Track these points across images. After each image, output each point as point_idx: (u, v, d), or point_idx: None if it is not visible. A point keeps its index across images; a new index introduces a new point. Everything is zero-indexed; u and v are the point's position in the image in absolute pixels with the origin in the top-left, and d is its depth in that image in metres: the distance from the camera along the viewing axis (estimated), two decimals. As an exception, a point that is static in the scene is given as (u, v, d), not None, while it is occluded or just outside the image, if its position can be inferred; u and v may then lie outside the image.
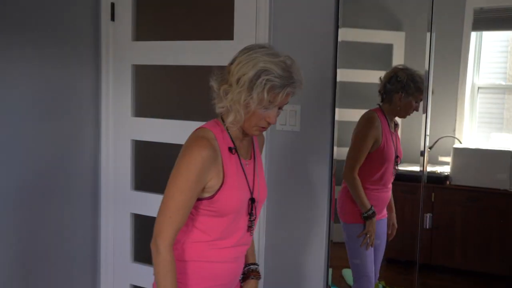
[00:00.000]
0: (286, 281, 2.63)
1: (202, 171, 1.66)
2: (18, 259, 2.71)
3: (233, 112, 1.67)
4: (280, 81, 1.61)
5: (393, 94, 2.44)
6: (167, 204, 1.70)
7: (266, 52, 1.65)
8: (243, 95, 1.63)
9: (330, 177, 2.49)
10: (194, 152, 1.66)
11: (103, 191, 3.12)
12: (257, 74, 1.60)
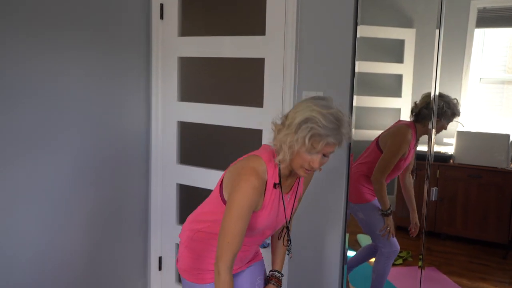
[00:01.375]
0: (308, 245, 2.67)
1: (254, 201, 1.69)
2: (88, 221, 2.84)
3: (282, 151, 1.70)
4: (323, 130, 1.59)
5: (427, 119, 2.42)
6: (226, 232, 1.69)
7: (321, 104, 1.64)
8: (289, 137, 1.65)
9: (348, 156, 2.50)
10: (248, 186, 1.67)
11: (153, 165, 3.19)
12: (304, 121, 1.61)
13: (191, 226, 1.98)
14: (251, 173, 1.70)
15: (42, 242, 2.62)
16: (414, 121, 2.47)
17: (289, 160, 1.70)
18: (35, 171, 2.54)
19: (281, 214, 1.88)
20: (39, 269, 2.62)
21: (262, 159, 1.76)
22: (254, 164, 1.74)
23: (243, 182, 1.68)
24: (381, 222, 2.64)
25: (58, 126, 2.63)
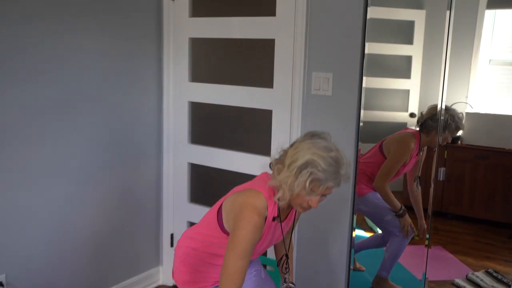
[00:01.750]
0: (317, 225, 2.69)
1: (256, 239, 1.71)
2: (103, 199, 2.89)
3: (282, 190, 1.70)
4: (323, 175, 1.60)
5: (433, 130, 2.42)
6: (230, 269, 1.70)
7: (321, 146, 1.65)
8: (290, 179, 1.64)
9: (357, 135, 2.50)
10: (252, 225, 1.68)
11: (165, 144, 3.21)
12: (305, 165, 1.61)
13: (187, 243, 2.01)
14: (253, 211, 1.70)
15: (61, 220, 2.68)
16: (419, 130, 2.49)
17: (288, 200, 1.72)
18: (54, 151, 2.59)
19: (277, 235, 1.91)
20: (59, 245, 2.69)
21: (264, 196, 1.75)
22: (256, 201, 1.73)
23: (246, 221, 1.69)
24: (384, 209, 2.65)
25: (74, 107, 2.67)
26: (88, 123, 2.76)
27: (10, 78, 2.36)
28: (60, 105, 2.60)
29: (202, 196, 3.26)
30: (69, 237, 2.75)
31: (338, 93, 2.51)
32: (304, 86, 2.60)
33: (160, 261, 3.40)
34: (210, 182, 3.25)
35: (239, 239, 1.69)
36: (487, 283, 2.73)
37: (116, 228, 3.03)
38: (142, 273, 3.27)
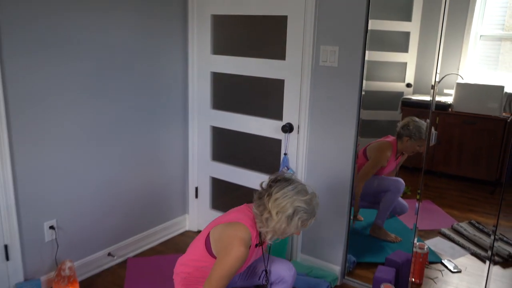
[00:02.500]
0: (324, 173, 2.81)
1: (240, 265, 1.93)
2: (137, 158, 3.03)
3: (272, 233, 1.95)
4: (308, 215, 1.91)
5: (403, 137, 2.69)
6: (212, 284, 1.91)
7: (296, 191, 1.90)
8: (283, 225, 1.90)
9: (359, 103, 2.59)
10: (239, 255, 1.88)
11: (190, 109, 3.35)
12: (295, 213, 1.89)
13: (181, 269, 2.15)
14: (241, 244, 1.91)
15: (103, 174, 2.87)
16: (396, 138, 2.73)
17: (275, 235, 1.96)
18: (95, 113, 2.75)
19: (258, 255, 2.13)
20: (101, 195, 2.90)
21: (247, 227, 1.97)
22: (242, 234, 1.94)
23: (234, 251, 1.89)
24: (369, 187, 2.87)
25: (111, 76, 2.80)
26: (125, 90, 2.89)
27: (56, 51, 2.50)
28: (98, 74, 2.74)
29: (222, 154, 3.42)
30: (110, 189, 2.94)
31: (343, 64, 2.58)
32: (313, 58, 2.69)
33: (187, 210, 3.59)
34: (230, 143, 3.40)
35: (227, 264, 1.88)
36: (470, 232, 2.90)
37: (149, 181, 3.20)
38: (171, 220, 3.47)
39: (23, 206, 2.50)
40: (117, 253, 3.07)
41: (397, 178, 2.90)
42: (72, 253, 2.80)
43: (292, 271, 2.22)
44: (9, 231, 2.46)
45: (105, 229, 2.99)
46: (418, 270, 2.82)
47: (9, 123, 2.36)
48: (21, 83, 2.38)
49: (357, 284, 2.89)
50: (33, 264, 2.61)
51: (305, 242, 3.01)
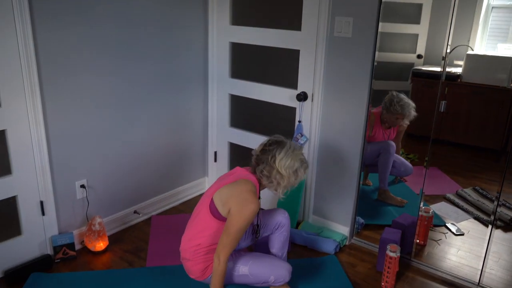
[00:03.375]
0: (336, 139, 2.84)
1: (255, 216, 2.01)
2: (163, 125, 3.07)
3: (284, 188, 2.07)
4: (306, 165, 2.09)
5: (384, 109, 2.74)
6: (231, 235, 1.97)
7: (293, 149, 2.05)
8: (292, 178, 2.05)
9: (371, 73, 2.57)
10: (253, 209, 1.96)
11: (210, 78, 3.37)
12: (299, 166, 2.05)
13: (191, 244, 2.12)
14: (254, 196, 2.00)
15: (129, 137, 2.93)
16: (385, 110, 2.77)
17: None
18: (122, 80, 2.78)
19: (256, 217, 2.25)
20: (127, 157, 2.96)
21: (253, 182, 2.07)
22: (252, 188, 2.03)
23: (250, 203, 1.96)
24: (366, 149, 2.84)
25: (136, 44, 2.82)
26: (149, 59, 2.92)
27: (85, 21, 2.53)
28: (124, 44, 2.76)
29: (240, 121, 3.44)
30: (136, 151, 3.01)
31: (357, 35, 2.56)
32: (327, 29, 2.67)
33: (206, 173, 3.65)
34: (247, 111, 3.40)
35: (245, 216, 1.95)
36: (473, 197, 2.91)
37: (172, 145, 3.26)
38: (192, 182, 3.54)
39: (56, 166, 2.59)
40: (142, 211, 3.16)
41: (385, 141, 2.91)
42: (101, 210, 2.91)
43: (285, 213, 2.34)
44: (44, 188, 2.57)
45: (131, 189, 3.07)
46: (423, 232, 2.86)
47: (42, 87, 2.42)
48: (52, 50, 2.42)
49: (365, 244, 2.96)
50: (66, 219, 2.73)
51: (317, 204, 3.07)
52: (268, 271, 2.12)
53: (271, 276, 2.12)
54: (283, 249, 2.37)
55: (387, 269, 2.48)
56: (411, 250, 2.76)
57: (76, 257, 2.71)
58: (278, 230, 2.33)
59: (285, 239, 2.36)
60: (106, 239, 2.80)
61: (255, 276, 2.12)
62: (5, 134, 2.35)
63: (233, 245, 2.00)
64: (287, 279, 2.18)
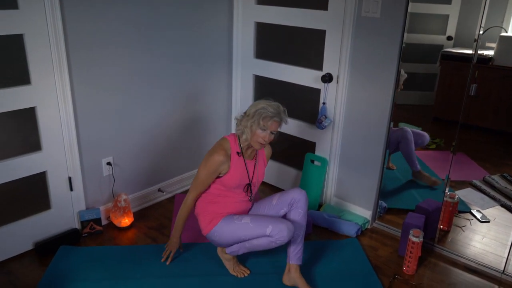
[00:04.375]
0: (361, 122, 2.83)
1: (215, 168, 2.19)
2: (185, 97, 3.12)
3: (245, 133, 2.18)
4: (270, 113, 2.12)
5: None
6: (196, 180, 2.26)
7: (266, 100, 2.18)
8: (249, 121, 2.15)
9: (399, 55, 2.52)
10: (215, 157, 2.18)
11: (234, 58, 3.37)
12: (258, 110, 2.14)
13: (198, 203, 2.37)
14: (220, 148, 2.22)
15: (153, 115, 2.97)
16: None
17: (250, 139, 2.18)
18: (148, 60, 2.83)
19: (246, 176, 2.29)
20: (151, 134, 3.01)
21: (225, 137, 2.28)
22: (220, 142, 2.27)
23: (214, 152, 2.21)
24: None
25: (163, 26, 2.84)
26: (174, 39, 2.94)
27: (119, 0, 2.58)
28: (149, 24, 2.79)
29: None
30: (160, 131, 3.06)
31: (385, 15, 2.51)
32: (355, 9, 2.62)
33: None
34: (271, 91, 3.36)
35: (207, 161, 2.21)
36: (501, 184, 2.86)
37: (195, 126, 3.28)
38: None
39: (83, 143, 2.67)
40: (166, 189, 3.23)
41: (401, 128, 2.91)
42: (127, 187, 2.99)
43: (302, 191, 2.31)
44: (72, 165, 2.65)
45: (156, 167, 3.14)
46: (447, 218, 2.84)
47: (70, 66, 2.48)
48: (80, 29, 2.47)
49: (387, 228, 2.96)
50: (93, 195, 2.82)
51: (339, 186, 3.08)
52: (267, 222, 2.17)
53: (269, 225, 2.15)
54: (299, 229, 2.28)
55: (409, 254, 2.48)
56: (435, 236, 2.75)
57: (102, 232, 2.80)
58: (293, 207, 2.31)
59: (301, 217, 2.28)
60: (131, 215, 2.88)
61: (254, 224, 2.19)
62: (35, 111, 2.43)
63: (198, 189, 2.26)
64: (285, 234, 2.13)
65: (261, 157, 2.39)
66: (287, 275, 2.27)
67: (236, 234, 2.23)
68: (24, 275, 2.39)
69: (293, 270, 2.26)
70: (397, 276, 2.48)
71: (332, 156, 3.02)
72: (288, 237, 2.14)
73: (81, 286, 2.28)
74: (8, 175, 2.40)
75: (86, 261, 2.48)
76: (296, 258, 2.26)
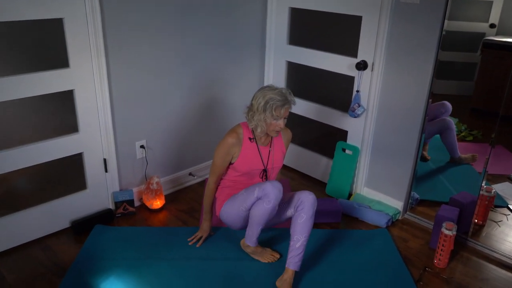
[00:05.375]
0: (395, 111, 2.77)
1: (227, 150, 2.26)
2: (216, 83, 3.16)
3: (259, 127, 2.21)
4: (279, 102, 2.12)
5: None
6: (212, 164, 2.34)
7: (269, 89, 2.17)
8: (262, 115, 2.16)
9: (439, 43, 2.45)
10: (227, 139, 2.25)
11: (267, 44, 3.35)
12: (266, 102, 2.13)
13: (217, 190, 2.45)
14: (231, 132, 2.28)
15: (185, 106, 3.01)
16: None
17: (265, 130, 2.21)
18: (182, 43, 2.85)
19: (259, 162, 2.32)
20: (183, 117, 3.04)
21: (239, 124, 2.32)
22: (233, 129, 2.32)
23: (226, 135, 2.28)
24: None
25: (193, 10, 2.86)
26: (206, 22, 2.95)
27: None
28: (182, 9, 2.80)
29: (296, 89, 3.34)
30: (192, 116, 3.10)
31: (425, 1, 2.44)
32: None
33: None
34: (303, 78, 3.38)
35: (219, 147, 2.28)
36: None
37: (226, 112, 3.31)
38: None
39: (118, 126, 2.74)
40: (197, 174, 3.29)
41: (443, 119, 2.85)
42: (159, 170, 3.05)
43: (310, 195, 2.24)
44: (107, 147, 2.73)
45: (187, 152, 3.19)
46: (482, 212, 2.78)
47: (107, 50, 2.54)
48: (117, 14, 2.51)
49: (418, 220, 2.92)
50: (126, 177, 2.90)
51: (370, 176, 3.05)
52: (255, 186, 2.22)
53: (255, 188, 2.19)
54: (300, 234, 2.18)
55: (441, 247, 2.44)
56: (468, 230, 2.70)
57: (135, 213, 2.89)
58: (297, 210, 2.23)
59: (303, 221, 2.18)
60: (163, 198, 2.95)
61: (246, 191, 2.24)
62: (73, 94, 2.50)
63: (215, 173, 2.34)
64: (269, 189, 2.13)
65: (278, 143, 2.39)
66: (280, 280, 2.19)
67: (235, 207, 2.28)
68: (61, 251, 2.50)
69: (286, 274, 2.17)
70: (428, 269, 2.45)
71: (364, 145, 2.99)
72: (273, 192, 2.13)
73: (114, 264, 2.37)
74: (47, 155, 2.50)
75: (119, 240, 2.57)
76: (293, 263, 2.17)
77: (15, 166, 2.39)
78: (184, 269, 2.34)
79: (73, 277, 2.26)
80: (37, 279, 2.28)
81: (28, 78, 2.30)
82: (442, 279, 2.38)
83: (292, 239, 2.19)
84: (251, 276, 2.31)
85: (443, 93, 2.73)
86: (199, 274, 2.31)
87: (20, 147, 2.40)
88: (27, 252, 2.48)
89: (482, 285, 2.35)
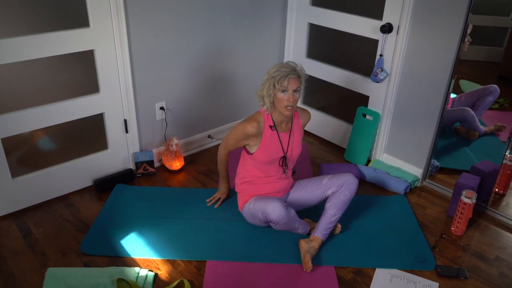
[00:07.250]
0: (419, 76, 2.72)
1: (243, 137, 2.21)
2: (236, 48, 3.11)
3: (265, 104, 2.15)
4: (284, 73, 2.05)
5: None
6: (226, 138, 2.31)
7: (277, 65, 2.11)
8: (265, 88, 2.11)
9: (469, 5, 2.36)
10: (246, 127, 2.18)
11: (289, 5, 3.29)
12: (270, 75, 2.09)
13: (238, 181, 2.43)
14: (248, 120, 2.21)
15: (205, 64, 3.00)
16: None
17: (272, 106, 2.15)
18: (196, 9, 2.82)
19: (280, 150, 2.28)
20: (202, 82, 3.04)
21: (259, 111, 2.24)
22: (253, 115, 2.24)
23: (247, 122, 2.20)
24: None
25: None
26: None
27: None
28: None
29: (317, 53, 3.38)
30: (212, 78, 3.10)
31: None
32: None
33: None
34: (325, 42, 3.33)
35: (236, 128, 2.22)
36: None
37: (247, 73, 3.30)
38: None
39: (138, 87, 2.76)
40: (215, 136, 3.32)
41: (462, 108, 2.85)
42: (178, 132, 3.09)
43: (356, 179, 2.32)
44: (127, 107, 2.77)
45: (206, 114, 3.22)
46: (504, 182, 2.75)
47: (127, 9, 2.53)
48: (137, -27, 2.49)
49: (438, 188, 2.91)
50: (146, 138, 2.95)
51: (390, 142, 3.03)
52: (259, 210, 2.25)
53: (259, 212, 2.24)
54: (339, 209, 2.28)
55: (459, 214, 2.44)
56: (488, 198, 2.68)
57: (155, 173, 2.95)
58: (343, 188, 2.29)
59: (346, 199, 2.28)
60: (182, 159, 3.00)
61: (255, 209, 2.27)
62: (93, 54, 2.52)
63: (226, 148, 2.34)
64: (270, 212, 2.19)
65: (297, 127, 2.34)
66: (307, 243, 2.23)
67: (254, 213, 2.30)
68: (84, 207, 2.59)
69: (315, 241, 2.24)
70: (444, 236, 2.46)
71: (385, 111, 2.96)
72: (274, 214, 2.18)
73: (134, 222, 2.45)
74: (69, 115, 2.55)
75: (139, 199, 2.64)
76: (324, 234, 2.26)
77: (39, 125, 2.46)
78: (202, 229, 2.41)
79: (96, 233, 2.35)
80: (62, 234, 2.38)
81: (49, 37, 2.32)
82: (458, 246, 2.40)
83: (328, 211, 2.28)
84: (268, 238, 2.36)
85: (470, 59, 2.64)
86: (217, 234, 2.38)
87: (42, 106, 2.45)
88: (52, 208, 2.58)
89: (499, 253, 2.36)
